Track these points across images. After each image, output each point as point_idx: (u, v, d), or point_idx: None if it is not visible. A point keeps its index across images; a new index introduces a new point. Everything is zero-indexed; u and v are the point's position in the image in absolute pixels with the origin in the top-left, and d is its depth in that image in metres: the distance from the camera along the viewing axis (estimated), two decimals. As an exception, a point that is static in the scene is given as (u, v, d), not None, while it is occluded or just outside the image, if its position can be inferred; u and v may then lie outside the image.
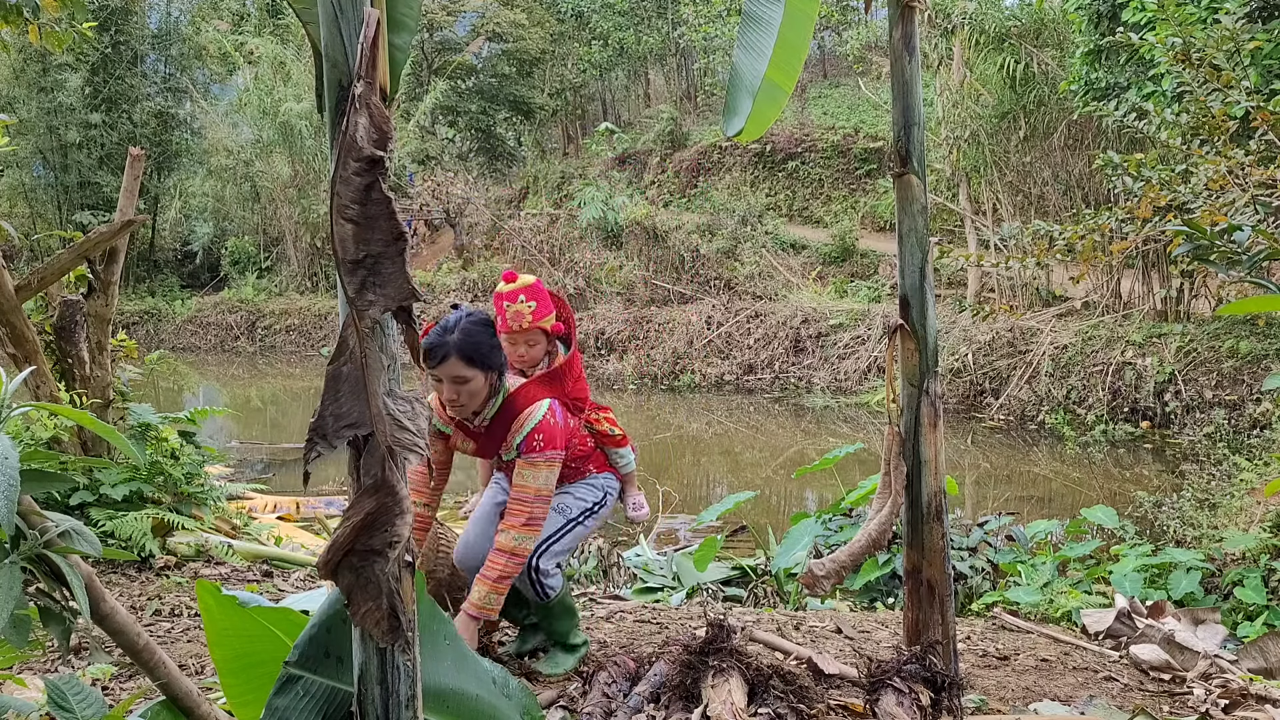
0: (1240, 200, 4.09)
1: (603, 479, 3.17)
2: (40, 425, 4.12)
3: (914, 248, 2.69)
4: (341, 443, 1.10)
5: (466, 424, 2.91)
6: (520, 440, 2.83)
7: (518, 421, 2.84)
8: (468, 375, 2.73)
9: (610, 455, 3.22)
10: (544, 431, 2.83)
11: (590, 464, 3.15)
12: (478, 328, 2.76)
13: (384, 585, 1.11)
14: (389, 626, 1.11)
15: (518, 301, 2.92)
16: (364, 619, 1.11)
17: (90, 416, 1.94)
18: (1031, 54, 12.60)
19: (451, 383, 2.73)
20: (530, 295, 2.94)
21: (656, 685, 2.52)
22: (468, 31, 25.97)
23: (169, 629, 3.50)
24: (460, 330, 2.71)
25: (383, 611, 1.11)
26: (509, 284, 2.96)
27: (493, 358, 2.77)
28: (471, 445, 2.98)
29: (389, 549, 1.11)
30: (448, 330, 2.71)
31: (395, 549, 1.11)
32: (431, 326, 2.76)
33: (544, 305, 2.96)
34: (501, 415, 2.86)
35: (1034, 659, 3.38)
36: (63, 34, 4.32)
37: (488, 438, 2.91)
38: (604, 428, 3.17)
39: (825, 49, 25.81)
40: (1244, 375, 10.19)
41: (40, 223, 22.35)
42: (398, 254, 1.10)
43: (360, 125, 1.08)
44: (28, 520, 1.78)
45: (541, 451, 2.82)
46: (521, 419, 2.83)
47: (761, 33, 2.43)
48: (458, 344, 2.70)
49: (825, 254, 17.85)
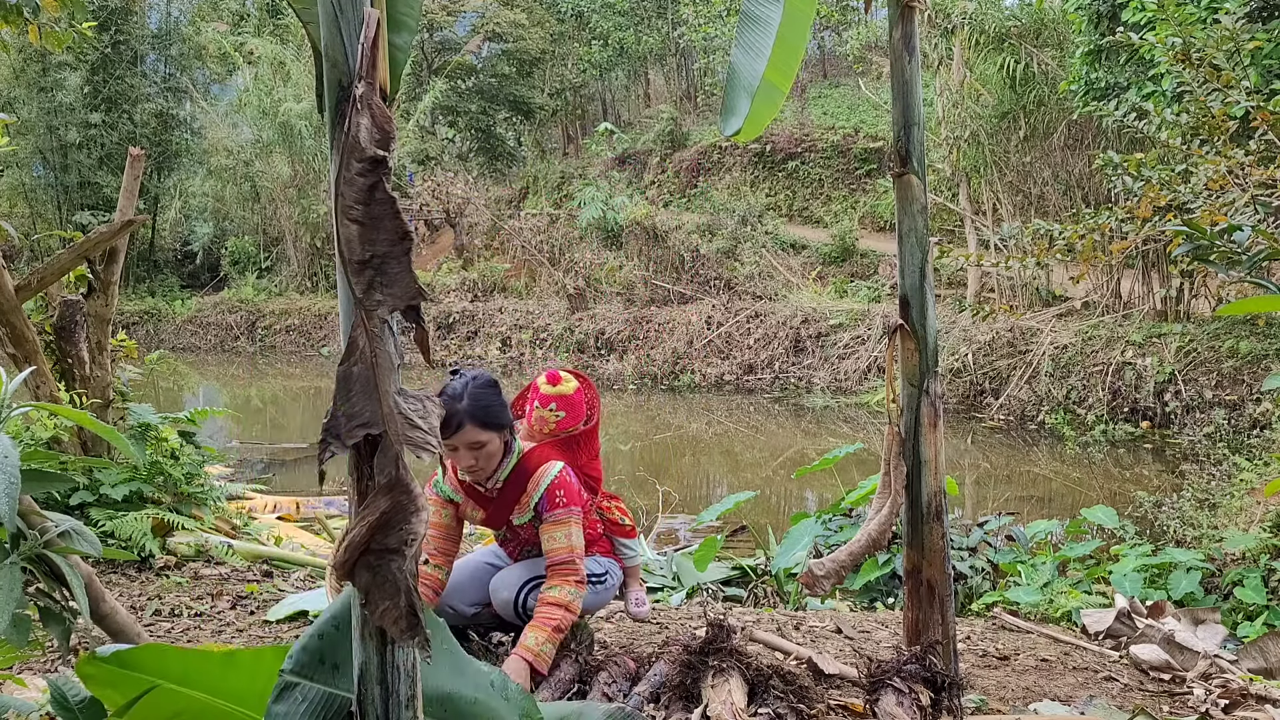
0: (1240, 200, 4.09)
1: (608, 562, 3.13)
2: (40, 425, 4.12)
3: (914, 248, 2.69)
4: (355, 442, 1.10)
5: (479, 488, 2.90)
6: (539, 498, 2.82)
7: (533, 481, 2.84)
8: (483, 439, 2.74)
9: (617, 546, 3.20)
10: (563, 487, 2.83)
11: (596, 548, 3.10)
12: (485, 391, 2.77)
13: (401, 583, 1.11)
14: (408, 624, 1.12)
15: (548, 409, 2.95)
16: (382, 617, 1.11)
17: (90, 416, 1.94)
18: (1031, 54, 12.60)
19: (468, 449, 2.74)
20: (563, 406, 2.96)
21: (656, 685, 2.52)
22: (468, 31, 25.96)
23: (169, 629, 3.50)
24: (469, 396, 2.72)
25: (401, 609, 1.11)
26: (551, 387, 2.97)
27: (504, 416, 2.79)
28: (480, 514, 2.96)
29: (405, 547, 1.11)
30: (457, 398, 2.71)
31: (411, 547, 1.11)
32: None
33: (573, 417, 2.98)
34: (515, 477, 2.86)
35: (1034, 659, 3.38)
36: (63, 34, 4.32)
37: (499, 502, 2.90)
38: (615, 516, 3.18)
39: (825, 49, 25.81)
40: (1244, 375, 10.19)
41: (40, 223, 22.35)
42: (403, 253, 1.10)
43: (362, 125, 1.08)
44: (28, 520, 1.78)
45: (565, 507, 2.81)
46: (537, 477, 2.83)
47: (760, 32, 2.43)
48: (469, 410, 2.71)
49: (825, 254, 17.85)
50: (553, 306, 17.89)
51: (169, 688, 1.48)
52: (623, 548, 3.21)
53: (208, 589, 4.02)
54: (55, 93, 21.65)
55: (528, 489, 2.85)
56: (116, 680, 1.49)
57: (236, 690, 1.47)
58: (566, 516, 2.81)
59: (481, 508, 2.94)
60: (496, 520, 2.96)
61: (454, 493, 2.96)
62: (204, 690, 1.48)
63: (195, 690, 1.48)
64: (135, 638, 2.25)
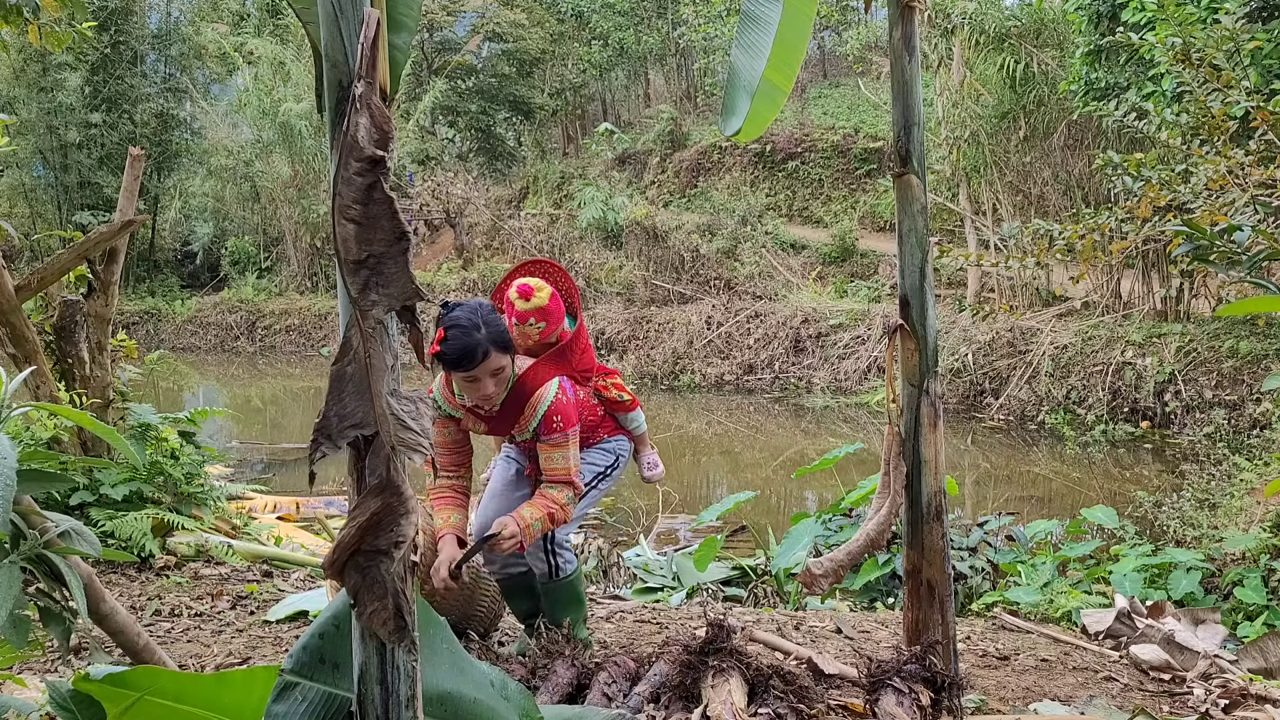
0: (1240, 200, 4.09)
1: (614, 442, 3.21)
2: (40, 425, 4.12)
3: (914, 248, 2.69)
4: (346, 443, 1.10)
5: (477, 409, 2.91)
6: (537, 423, 2.86)
7: (530, 405, 2.86)
8: (504, 364, 2.75)
9: (620, 420, 3.25)
10: (560, 412, 2.86)
11: (602, 430, 3.18)
12: (495, 316, 2.77)
13: (390, 585, 1.11)
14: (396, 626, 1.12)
15: (527, 324, 2.96)
16: (371, 619, 1.11)
17: (90, 417, 1.94)
18: (1031, 54, 12.59)
19: (490, 377, 2.74)
20: (540, 318, 2.96)
21: (656, 685, 2.51)
22: (468, 31, 25.95)
23: (169, 629, 3.50)
24: (485, 325, 2.71)
25: (389, 611, 1.11)
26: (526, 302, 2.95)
27: (511, 341, 2.81)
28: (483, 426, 2.99)
29: (394, 549, 1.11)
30: (474, 327, 2.70)
31: (400, 549, 1.11)
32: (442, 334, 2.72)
33: (553, 323, 2.98)
34: (512, 396, 2.87)
35: (1034, 659, 3.38)
36: (63, 34, 4.32)
37: (499, 419, 2.92)
38: (612, 394, 3.20)
39: (825, 49, 25.79)
40: (1244, 375, 10.19)
41: (40, 223, 22.34)
42: (400, 253, 1.10)
43: (361, 125, 1.08)
44: (28, 520, 1.78)
45: (561, 431, 2.86)
46: (535, 401, 2.85)
47: (760, 32, 2.43)
48: (490, 337, 2.70)
49: (825, 254, 17.85)
50: (553, 306, 17.86)
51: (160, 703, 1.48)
52: (626, 420, 3.26)
53: (208, 589, 4.02)
54: (55, 93, 21.64)
55: (525, 412, 2.87)
56: (109, 697, 1.49)
57: (230, 706, 1.47)
58: (563, 440, 2.87)
59: (483, 421, 2.96)
60: (498, 432, 3.02)
61: (452, 409, 2.96)
62: (197, 705, 1.48)
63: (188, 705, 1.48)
64: (135, 638, 2.24)
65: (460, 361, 2.68)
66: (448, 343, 2.69)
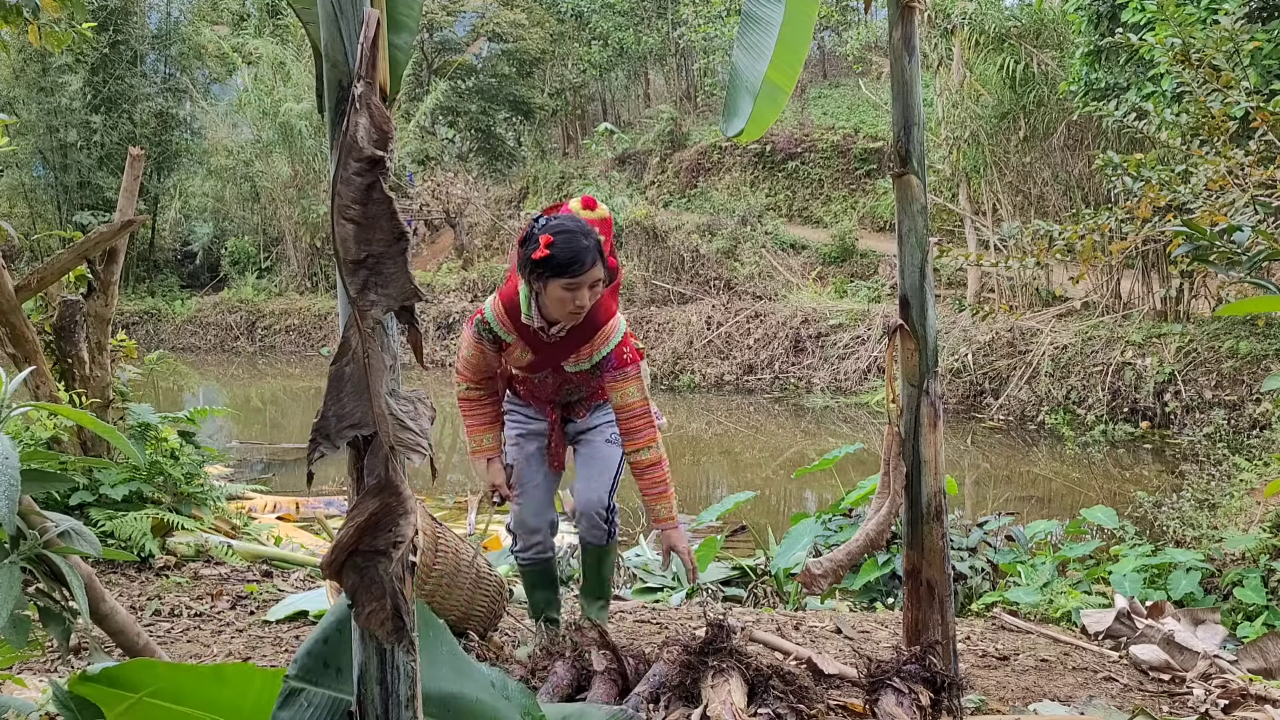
0: (1240, 200, 4.09)
1: None
2: (40, 425, 4.12)
3: (914, 248, 2.69)
4: (344, 443, 1.10)
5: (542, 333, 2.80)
6: (608, 352, 2.80)
7: (602, 333, 2.80)
8: (601, 277, 2.67)
9: None
10: (629, 346, 2.82)
11: None
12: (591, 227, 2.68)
13: (388, 585, 1.11)
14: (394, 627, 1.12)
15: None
16: (369, 619, 1.11)
17: (90, 416, 1.94)
18: (1031, 54, 12.60)
19: (590, 288, 2.64)
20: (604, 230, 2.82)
21: (656, 685, 2.51)
22: (468, 32, 25.96)
23: (169, 629, 3.50)
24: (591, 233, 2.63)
25: (387, 612, 1.11)
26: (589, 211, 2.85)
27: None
28: (530, 357, 2.88)
29: (393, 549, 1.11)
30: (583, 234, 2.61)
31: (399, 549, 1.11)
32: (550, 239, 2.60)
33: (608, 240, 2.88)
34: (580, 325, 2.78)
35: (1034, 659, 3.38)
36: (63, 34, 4.32)
37: (557, 348, 2.83)
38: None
39: (825, 49, 25.80)
40: (1244, 375, 10.19)
41: (40, 223, 22.34)
42: (399, 254, 1.09)
43: (360, 125, 1.08)
44: (28, 520, 1.78)
45: (634, 363, 2.82)
46: (607, 330, 2.80)
47: (762, 33, 2.43)
48: (597, 246, 2.62)
49: (825, 254, 17.85)
50: (553, 306, 17.88)
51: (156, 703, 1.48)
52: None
53: (208, 589, 4.02)
54: (55, 93, 21.64)
55: (594, 341, 2.80)
56: (106, 699, 1.49)
57: (227, 705, 1.47)
58: (636, 373, 2.83)
59: (533, 351, 2.85)
60: (545, 364, 2.90)
61: (506, 333, 2.84)
62: (194, 705, 1.48)
63: (185, 705, 1.48)
64: (135, 637, 2.25)
65: (569, 265, 2.58)
66: (557, 245, 2.57)
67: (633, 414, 2.84)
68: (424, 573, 3.10)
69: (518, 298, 2.80)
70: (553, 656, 2.75)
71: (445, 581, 3.17)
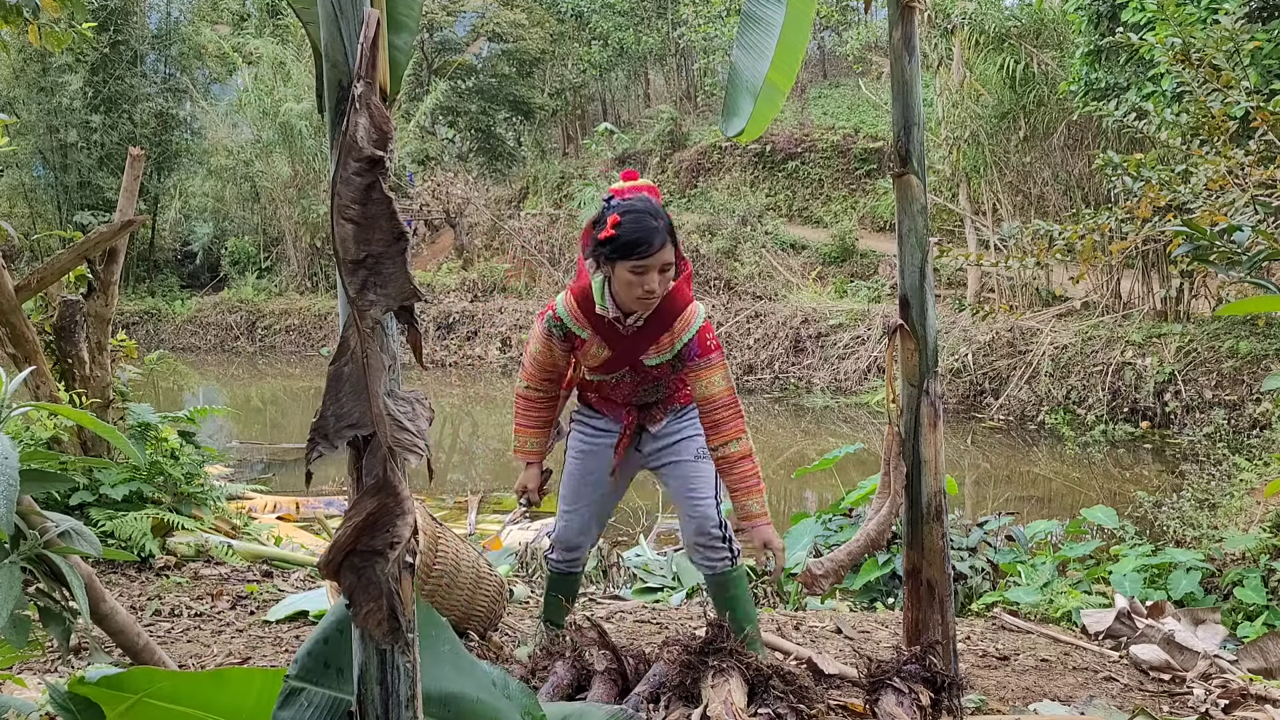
0: (1240, 200, 4.09)
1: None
2: (40, 425, 4.12)
3: (914, 248, 2.69)
4: (343, 443, 1.10)
5: (618, 325, 2.66)
6: (689, 339, 2.66)
7: (681, 320, 2.66)
8: (672, 261, 2.54)
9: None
10: (711, 332, 2.69)
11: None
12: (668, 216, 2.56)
13: (385, 586, 1.11)
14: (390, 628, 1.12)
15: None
16: (365, 619, 1.11)
17: (90, 416, 1.94)
18: (1031, 54, 12.60)
19: (660, 272, 2.52)
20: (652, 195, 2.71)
21: (656, 685, 2.51)
22: (468, 32, 25.96)
23: (169, 629, 3.50)
24: (661, 214, 2.51)
25: (384, 612, 1.11)
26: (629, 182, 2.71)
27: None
28: (606, 353, 2.73)
29: (390, 549, 1.11)
30: (654, 214, 2.50)
31: (396, 549, 1.11)
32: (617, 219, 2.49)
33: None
34: (657, 315, 2.66)
35: (1034, 659, 3.38)
36: (63, 34, 4.32)
37: (635, 340, 2.69)
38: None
39: (825, 49, 25.80)
40: (1244, 375, 10.19)
41: (40, 223, 22.34)
42: (399, 254, 1.09)
43: (360, 125, 1.08)
44: (28, 520, 1.78)
45: (717, 350, 2.69)
46: (687, 316, 2.67)
47: (762, 33, 2.43)
48: (668, 227, 2.50)
49: (825, 254, 17.85)
50: (553, 306, 17.88)
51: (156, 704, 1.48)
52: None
53: (208, 589, 4.02)
54: (55, 93, 21.64)
55: (674, 328, 2.65)
56: (106, 699, 1.49)
57: (228, 705, 1.47)
58: (720, 360, 2.69)
59: (609, 346, 2.71)
60: (623, 360, 2.74)
61: (580, 328, 2.71)
62: (194, 706, 1.48)
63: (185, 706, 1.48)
64: (135, 638, 2.25)
65: (636, 246, 2.47)
66: (624, 225, 2.47)
67: (718, 404, 2.68)
68: (424, 573, 3.10)
69: (588, 287, 2.70)
70: (553, 656, 2.75)
71: (445, 581, 3.18)
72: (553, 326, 2.75)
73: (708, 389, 2.69)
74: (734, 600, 2.88)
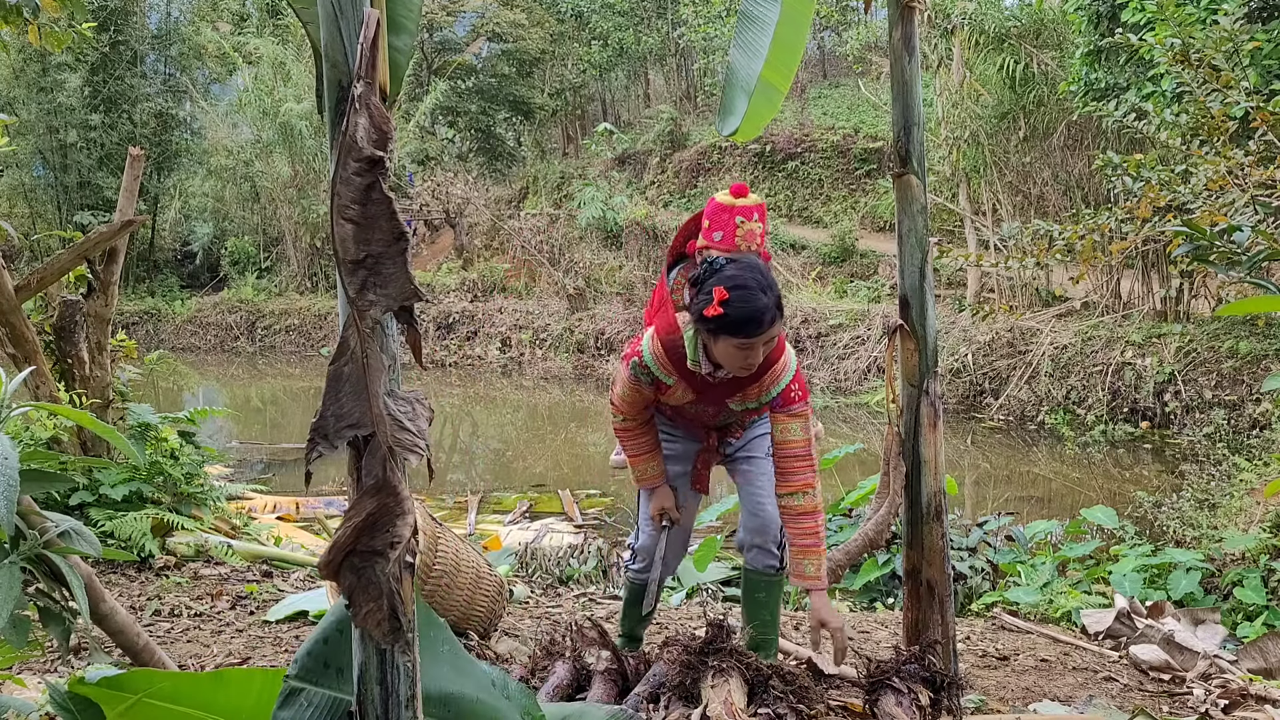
0: (1240, 200, 4.09)
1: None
2: (40, 425, 4.12)
3: (914, 248, 2.69)
4: (343, 443, 1.10)
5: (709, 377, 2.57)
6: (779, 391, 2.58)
7: (771, 374, 2.56)
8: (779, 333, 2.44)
9: None
10: (799, 382, 2.62)
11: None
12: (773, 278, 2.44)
13: (385, 586, 1.11)
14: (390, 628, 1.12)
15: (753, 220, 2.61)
16: (365, 620, 1.11)
17: (90, 416, 1.94)
18: (1031, 54, 12.60)
19: (765, 345, 2.41)
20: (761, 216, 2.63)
21: (656, 685, 2.51)
22: (468, 32, 25.95)
23: (169, 629, 3.50)
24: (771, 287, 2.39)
25: (384, 612, 1.11)
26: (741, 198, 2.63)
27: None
28: (691, 395, 2.66)
29: (390, 549, 1.11)
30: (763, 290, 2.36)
31: (396, 549, 1.11)
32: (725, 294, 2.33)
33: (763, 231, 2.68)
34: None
35: (1034, 659, 3.38)
36: (62, 34, 4.32)
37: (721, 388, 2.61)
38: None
39: (825, 49, 25.80)
40: (1244, 375, 10.19)
41: (40, 223, 22.34)
42: (399, 254, 1.09)
43: (360, 125, 1.08)
44: (28, 520, 1.78)
45: (803, 401, 2.62)
46: (776, 370, 2.56)
47: (758, 32, 2.43)
48: (776, 302, 2.38)
49: (825, 254, 17.85)
50: (553, 306, 17.89)
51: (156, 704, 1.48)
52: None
53: (207, 589, 4.02)
54: (55, 93, 21.64)
55: (763, 381, 2.56)
56: (106, 699, 1.49)
57: (228, 705, 1.47)
58: (803, 410, 2.61)
59: (695, 391, 2.64)
60: (707, 401, 2.68)
61: (666, 375, 2.62)
62: (194, 706, 1.48)
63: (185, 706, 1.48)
64: (135, 638, 2.25)
65: (746, 326, 2.34)
66: (733, 304, 2.33)
67: (792, 453, 2.61)
68: (424, 573, 3.10)
69: (678, 337, 2.59)
70: (553, 656, 2.75)
71: (445, 581, 3.18)
72: (639, 373, 2.68)
73: (783, 434, 2.63)
74: (765, 604, 2.85)
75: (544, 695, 2.58)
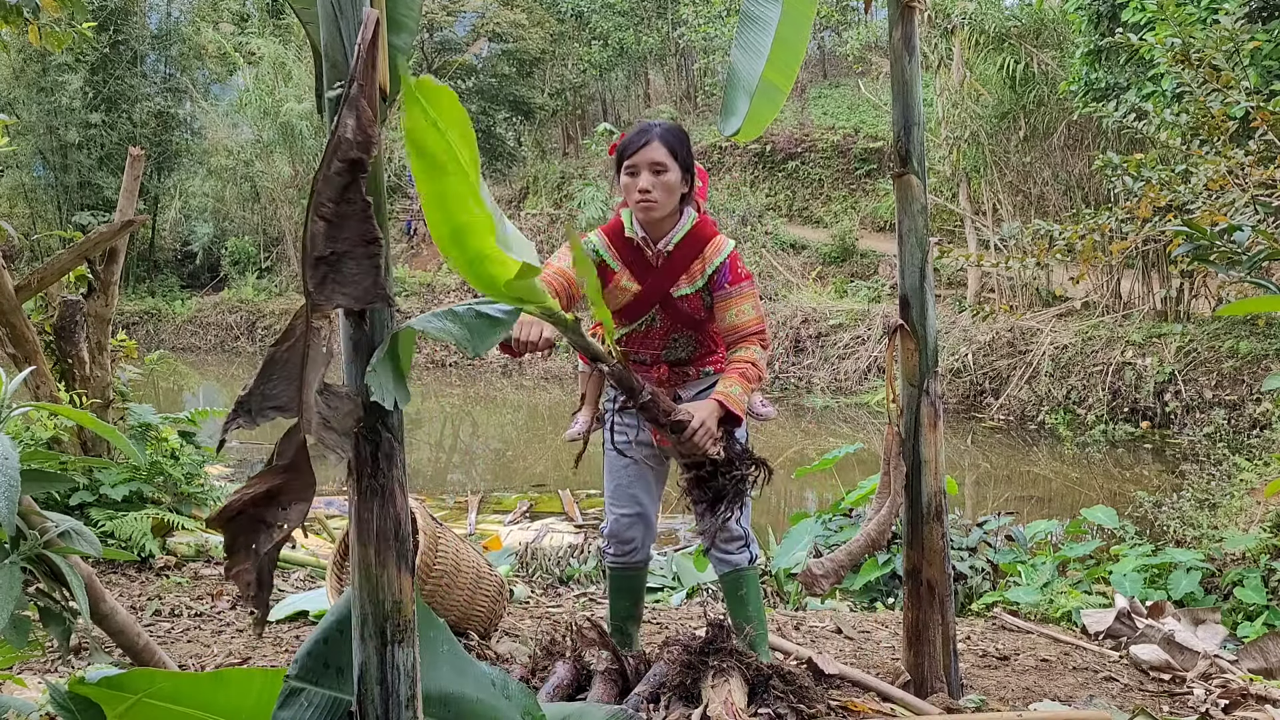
0: (1240, 200, 4.09)
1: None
2: (40, 425, 4.12)
3: (914, 248, 2.70)
4: (264, 421, 1.10)
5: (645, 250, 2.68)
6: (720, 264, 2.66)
7: (712, 245, 2.68)
8: (666, 164, 2.58)
9: None
10: (740, 261, 2.71)
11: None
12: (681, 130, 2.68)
13: (259, 553, 1.14)
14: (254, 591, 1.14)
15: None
16: (235, 576, 1.15)
17: (90, 416, 1.94)
18: (1031, 54, 12.60)
19: (649, 169, 2.57)
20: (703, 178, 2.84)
21: (656, 685, 2.51)
22: (468, 32, 25.96)
23: (169, 629, 3.50)
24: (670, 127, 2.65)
25: (251, 575, 1.14)
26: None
27: (690, 161, 2.66)
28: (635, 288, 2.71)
29: (276, 527, 1.13)
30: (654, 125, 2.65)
31: (282, 529, 1.14)
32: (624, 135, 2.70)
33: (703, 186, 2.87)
34: (688, 240, 2.68)
35: (1034, 659, 3.38)
36: (63, 34, 4.32)
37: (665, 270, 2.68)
38: None
39: (825, 49, 25.82)
40: (1244, 375, 10.19)
41: (40, 223, 22.37)
42: (366, 256, 1.09)
43: (349, 126, 1.08)
44: (28, 520, 1.78)
45: (749, 279, 2.70)
46: (716, 244, 2.68)
47: (759, 32, 2.43)
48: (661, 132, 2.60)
49: (825, 254, 17.86)
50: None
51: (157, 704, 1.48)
52: None
53: (208, 589, 4.02)
54: (55, 93, 21.66)
55: (704, 254, 2.67)
56: (106, 699, 1.49)
57: (228, 705, 1.47)
58: (750, 289, 2.70)
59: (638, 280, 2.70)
60: (654, 292, 2.70)
61: (612, 258, 2.73)
62: (194, 706, 1.48)
63: (185, 706, 1.48)
64: (135, 638, 2.25)
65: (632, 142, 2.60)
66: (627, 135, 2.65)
67: (746, 332, 2.67)
68: (424, 573, 3.10)
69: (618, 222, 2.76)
70: (553, 657, 2.75)
71: (445, 582, 3.18)
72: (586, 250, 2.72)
73: (737, 318, 2.67)
74: (746, 600, 2.84)
75: (544, 695, 2.58)
